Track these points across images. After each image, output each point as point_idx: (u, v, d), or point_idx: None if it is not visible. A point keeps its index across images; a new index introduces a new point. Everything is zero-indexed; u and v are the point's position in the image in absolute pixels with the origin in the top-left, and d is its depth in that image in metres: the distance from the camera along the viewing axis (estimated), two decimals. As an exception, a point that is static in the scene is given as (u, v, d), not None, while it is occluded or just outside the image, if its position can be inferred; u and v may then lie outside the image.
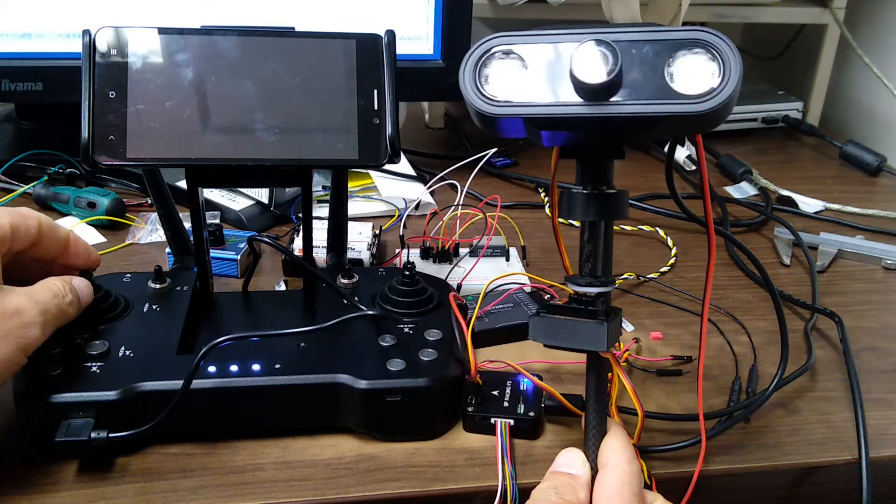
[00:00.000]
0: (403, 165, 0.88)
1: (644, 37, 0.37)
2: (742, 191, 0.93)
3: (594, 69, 0.36)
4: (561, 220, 0.46)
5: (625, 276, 0.70)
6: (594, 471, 0.41)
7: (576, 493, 0.40)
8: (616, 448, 0.41)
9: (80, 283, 0.50)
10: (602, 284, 0.41)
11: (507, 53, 0.38)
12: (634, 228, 0.80)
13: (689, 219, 0.51)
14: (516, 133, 0.41)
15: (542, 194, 0.88)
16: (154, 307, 0.54)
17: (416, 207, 0.80)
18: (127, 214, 0.77)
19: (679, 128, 0.41)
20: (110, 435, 0.45)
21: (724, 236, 0.75)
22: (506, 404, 0.51)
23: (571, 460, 0.42)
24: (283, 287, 0.65)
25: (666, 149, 0.48)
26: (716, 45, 0.36)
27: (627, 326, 0.63)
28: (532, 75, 0.38)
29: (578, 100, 0.37)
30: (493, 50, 0.38)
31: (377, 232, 0.72)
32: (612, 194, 0.41)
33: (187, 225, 0.58)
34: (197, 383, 0.47)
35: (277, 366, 0.49)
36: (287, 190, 0.80)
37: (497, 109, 0.38)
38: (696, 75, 0.36)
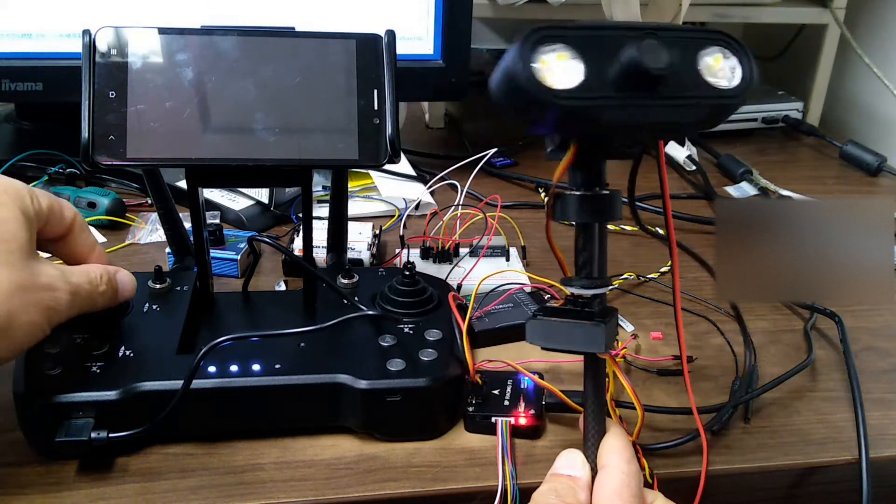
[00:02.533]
0: (403, 165, 0.88)
1: (682, 35, 0.38)
2: (742, 191, 0.93)
3: (653, 60, 0.36)
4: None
5: (625, 276, 0.70)
6: (594, 471, 0.41)
7: (576, 496, 0.40)
8: (615, 448, 0.41)
9: (125, 277, 0.50)
10: (598, 286, 0.41)
11: (562, 42, 0.38)
12: (634, 228, 0.80)
13: (648, 234, 0.50)
14: (548, 126, 0.40)
15: (543, 194, 0.88)
16: (154, 307, 0.54)
17: (416, 207, 0.80)
18: (127, 214, 0.77)
19: (709, 120, 0.41)
20: (110, 435, 0.45)
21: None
22: (506, 403, 0.51)
23: (571, 462, 0.42)
24: (283, 287, 0.65)
25: (665, 150, 0.48)
26: (731, 42, 0.38)
27: (627, 326, 0.63)
28: (585, 66, 0.37)
29: (629, 92, 0.37)
30: (549, 38, 0.38)
31: (377, 232, 0.72)
32: (606, 196, 0.41)
33: (187, 225, 0.58)
34: (197, 383, 0.47)
35: (277, 366, 0.49)
36: (287, 190, 0.80)
37: (556, 100, 0.36)
38: (722, 70, 0.38)
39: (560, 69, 0.37)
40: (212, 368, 0.48)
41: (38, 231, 0.46)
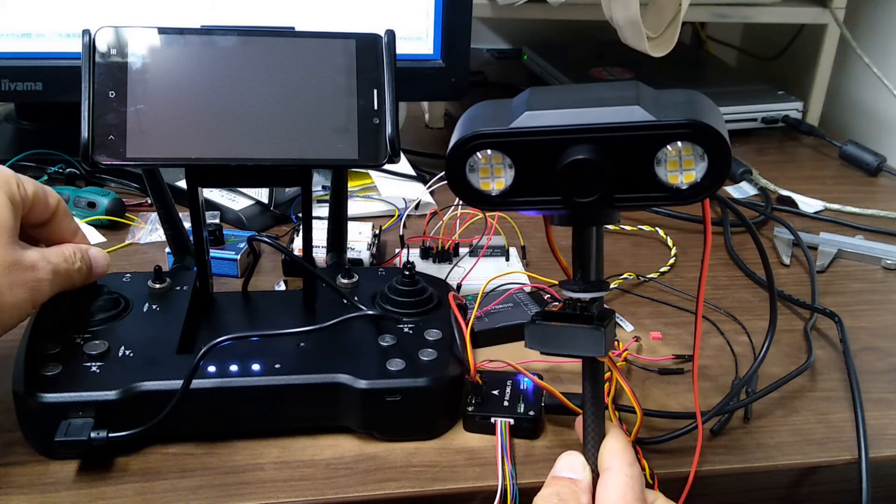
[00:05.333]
0: (403, 165, 0.87)
1: (628, 133, 0.36)
2: (742, 191, 0.93)
3: (582, 184, 0.36)
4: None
5: (625, 276, 0.70)
6: (594, 474, 0.41)
7: (578, 499, 0.40)
8: (616, 451, 0.41)
9: (97, 254, 0.53)
10: (596, 289, 0.41)
11: (490, 151, 0.38)
12: (634, 228, 0.80)
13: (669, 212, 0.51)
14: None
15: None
16: (154, 307, 0.54)
17: (416, 207, 0.80)
18: (127, 214, 0.77)
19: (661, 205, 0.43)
20: (110, 435, 0.45)
21: (745, 224, 0.74)
22: (506, 404, 0.51)
23: (572, 464, 0.41)
24: (282, 287, 0.65)
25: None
26: (703, 135, 0.35)
27: (627, 326, 0.63)
28: (520, 171, 0.38)
29: (566, 195, 0.37)
30: (475, 147, 0.38)
31: (377, 232, 0.72)
32: None
33: (187, 225, 0.58)
34: (197, 383, 0.47)
35: (277, 366, 0.49)
36: (287, 190, 0.80)
37: (489, 207, 0.39)
38: (683, 168, 0.36)
39: (490, 172, 0.38)
40: (211, 368, 0.48)
41: (22, 217, 0.48)
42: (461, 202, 0.72)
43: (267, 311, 0.57)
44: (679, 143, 0.35)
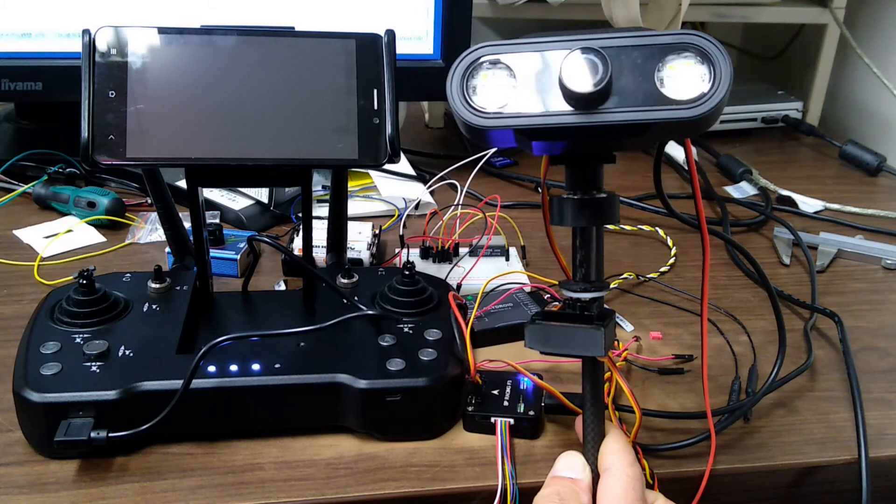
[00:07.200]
0: (403, 165, 0.88)
1: (633, 42, 0.36)
2: (742, 191, 0.93)
3: (583, 78, 0.36)
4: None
5: (625, 276, 0.70)
6: (594, 474, 0.41)
7: (578, 499, 0.40)
8: (616, 451, 0.41)
9: None
10: (596, 289, 0.41)
11: (495, 63, 0.38)
12: (634, 228, 0.80)
13: (670, 214, 0.51)
14: (506, 143, 0.40)
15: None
16: (154, 307, 0.54)
17: (416, 207, 0.80)
18: (127, 214, 0.77)
19: (671, 132, 0.41)
20: (110, 435, 0.45)
21: (721, 238, 0.74)
22: (506, 404, 0.51)
23: (572, 464, 0.41)
24: (282, 287, 0.65)
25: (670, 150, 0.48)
26: (705, 48, 0.36)
27: (627, 326, 0.63)
28: (521, 85, 0.37)
29: (569, 108, 0.37)
30: (480, 60, 0.38)
31: (377, 232, 0.72)
32: (603, 199, 0.41)
33: (187, 225, 0.58)
34: (197, 383, 0.47)
35: (277, 366, 0.49)
36: (287, 190, 0.80)
37: (486, 122, 0.38)
38: (686, 80, 0.36)
39: (490, 89, 0.38)
40: (211, 368, 0.48)
41: None
42: (461, 203, 0.72)
43: (267, 311, 0.57)
44: (679, 55, 0.36)
